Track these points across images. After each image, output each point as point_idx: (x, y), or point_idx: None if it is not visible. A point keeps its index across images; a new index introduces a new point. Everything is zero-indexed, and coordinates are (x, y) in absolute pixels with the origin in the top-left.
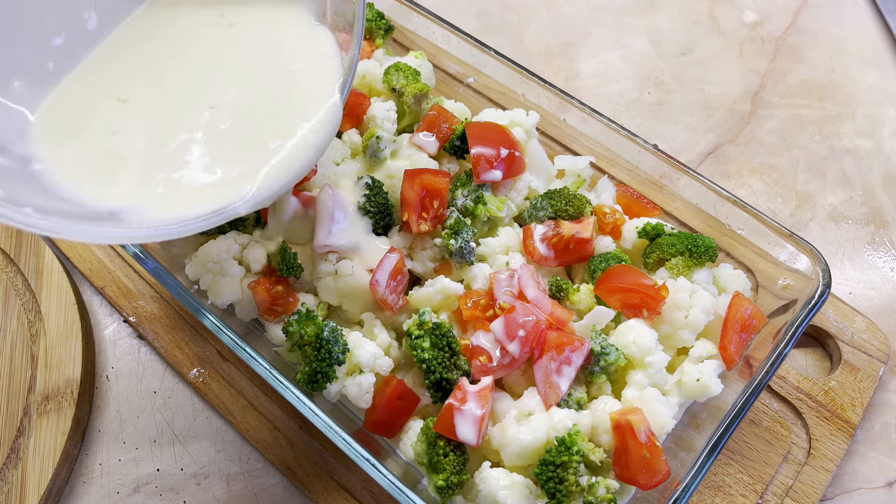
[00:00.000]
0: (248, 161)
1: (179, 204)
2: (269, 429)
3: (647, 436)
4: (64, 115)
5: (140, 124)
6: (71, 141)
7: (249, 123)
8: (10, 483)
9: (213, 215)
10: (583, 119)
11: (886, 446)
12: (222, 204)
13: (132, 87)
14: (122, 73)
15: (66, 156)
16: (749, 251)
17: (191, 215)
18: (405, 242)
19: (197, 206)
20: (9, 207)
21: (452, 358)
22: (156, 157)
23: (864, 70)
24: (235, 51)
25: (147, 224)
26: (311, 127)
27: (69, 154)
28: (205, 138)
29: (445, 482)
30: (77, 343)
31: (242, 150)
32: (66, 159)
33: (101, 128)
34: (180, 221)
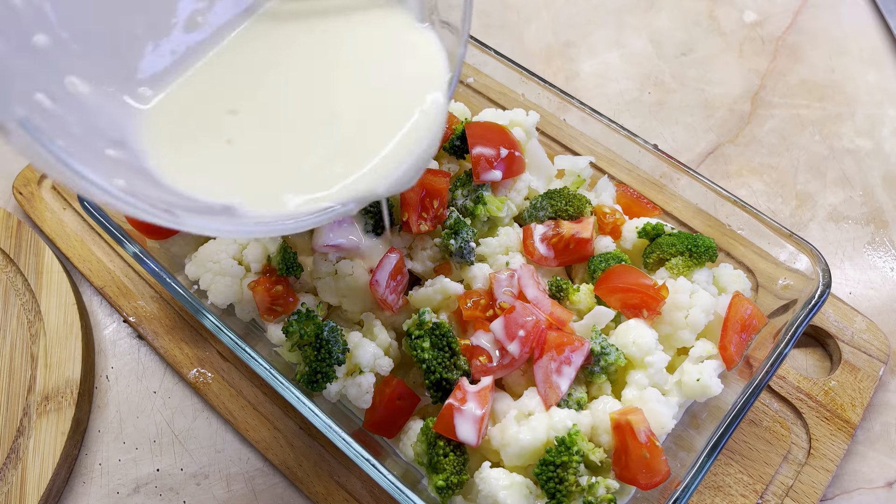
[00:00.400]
0: (354, 162)
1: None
2: (269, 429)
3: (647, 436)
4: (175, 117)
5: (252, 127)
6: (184, 141)
7: (355, 126)
8: (9, 483)
9: (324, 212)
10: (583, 119)
11: (886, 446)
12: (333, 202)
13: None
14: (232, 83)
15: (180, 155)
16: (749, 251)
17: (304, 212)
18: (405, 242)
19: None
20: (134, 197)
21: (452, 358)
22: (268, 157)
23: (864, 70)
24: (339, 58)
25: (262, 218)
26: (415, 129)
27: (183, 153)
28: (315, 141)
29: (445, 482)
30: (77, 343)
31: (349, 151)
32: (180, 159)
33: (214, 132)
34: (295, 217)
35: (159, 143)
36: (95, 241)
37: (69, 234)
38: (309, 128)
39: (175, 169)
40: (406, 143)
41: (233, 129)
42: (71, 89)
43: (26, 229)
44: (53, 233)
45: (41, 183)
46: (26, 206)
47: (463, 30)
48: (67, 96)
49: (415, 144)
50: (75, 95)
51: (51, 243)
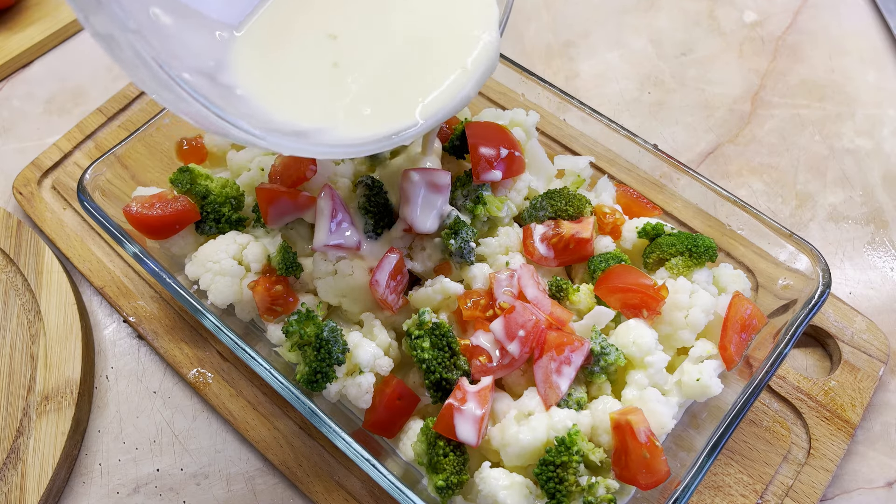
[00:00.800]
0: (416, 90)
1: (360, 128)
2: (269, 429)
3: (646, 436)
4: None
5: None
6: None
7: (417, 58)
8: (9, 483)
9: (387, 138)
10: (583, 119)
11: (886, 446)
12: (398, 127)
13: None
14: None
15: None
16: (749, 251)
17: (370, 137)
18: (405, 242)
19: (375, 129)
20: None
21: (452, 358)
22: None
23: (864, 70)
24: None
25: (330, 143)
26: (471, 61)
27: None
28: (378, 71)
29: (445, 482)
30: (77, 343)
31: (412, 80)
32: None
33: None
34: (362, 142)
35: (249, 74)
36: (95, 241)
37: (69, 234)
38: (389, 56)
39: (258, 90)
40: (466, 72)
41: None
42: (156, 21)
43: (26, 229)
44: (53, 233)
45: (41, 183)
46: (26, 206)
47: None
48: (153, 26)
49: (473, 72)
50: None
51: (51, 243)
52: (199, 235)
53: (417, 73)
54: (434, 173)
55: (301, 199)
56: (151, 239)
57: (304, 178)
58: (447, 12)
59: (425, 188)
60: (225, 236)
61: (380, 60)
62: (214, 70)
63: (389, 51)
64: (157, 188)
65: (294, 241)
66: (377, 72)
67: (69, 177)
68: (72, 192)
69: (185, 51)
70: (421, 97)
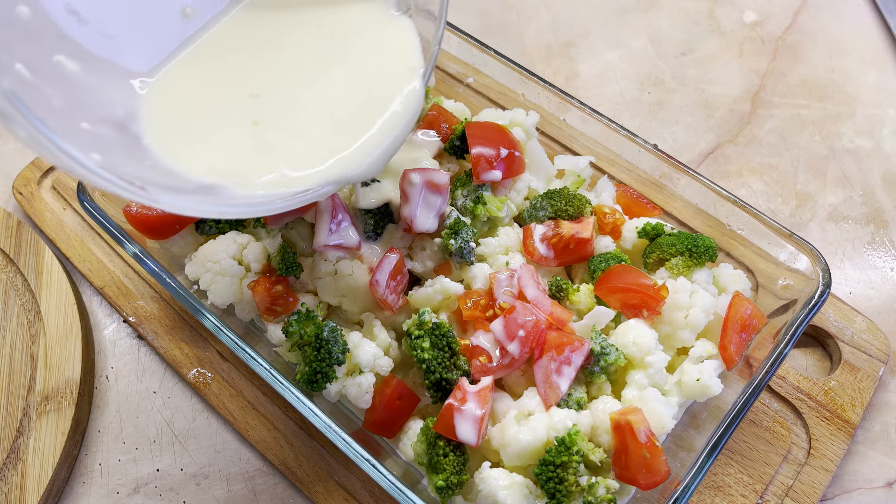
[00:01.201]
0: (327, 151)
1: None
2: (269, 429)
3: (646, 436)
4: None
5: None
6: (187, 122)
7: (336, 112)
8: (9, 483)
9: (304, 194)
10: (583, 119)
11: (886, 446)
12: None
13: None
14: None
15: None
16: (749, 251)
17: (291, 191)
18: (405, 242)
19: (294, 186)
20: (108, 171)
21: (452, 358)
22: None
23: (864, 70)
24: (321, 46)
25: (251, 199)
26: (391, 116)
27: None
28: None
29: (445, 482)
30: (77, 343)
31: (329, 136)
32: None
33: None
34: (283, 197)
35: (159, 124)
36: (95, 241)
37: (69, 234)
38: (297, 113)
39: (174, 149)
40: (383, 130)
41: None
42: (59, 68)
43: (26, 229)
44: (53, 233)
45: (41, 183)
46: (26, 206)
47: (440, 17)
48: (55, 73)
49: (391, 130)
50: (63, 74)
51: (51, 243)
52: (199, 235)
53: (331, 133)
54: (434, 173)
55: None
56: (151, 239)
57: None
58: (369, 74)
59: (425, 188)
60: (225, 236)
61: (294, 120)
62: (125, 119)
63: (306, 111)
64: None
65: (294, 241)
66: (289, 130)
67: (69, 177)
68: (72, 192)
69: (93, 99)
70: (330, 157)
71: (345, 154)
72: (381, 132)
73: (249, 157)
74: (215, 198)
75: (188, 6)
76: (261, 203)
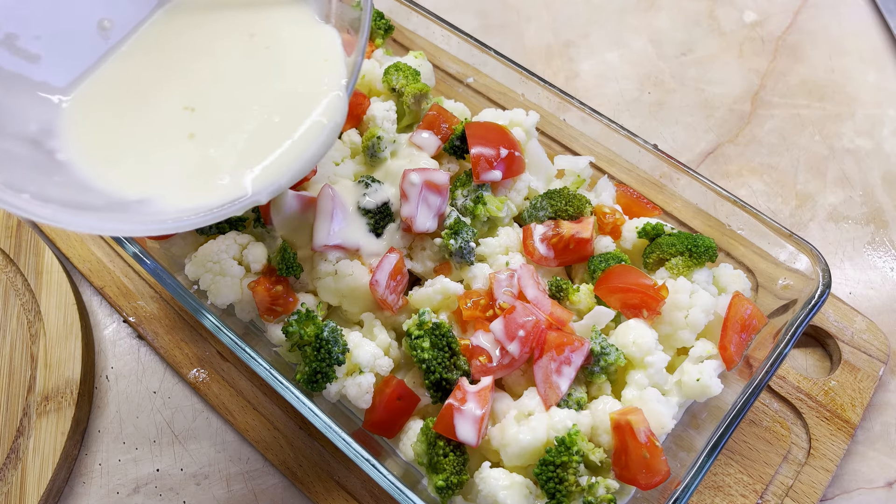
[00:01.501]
0: (255, 155)
1: (199, 195)
2: (269, 429)
3: (646, 436)
4: (97, 112)
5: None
6: (108, 136)
7: (258, 123)
8: (9, 483)
9: (232, 205)
10: (583, 119)
11: (886, 446)
12: (235, 195)
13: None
14: (148, 75)
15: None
16: (749, 251)
17: (209, 205)
18: (405, 242)
19: (213, 197)
20: (6, 192)
21: (452, 358)
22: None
23: (864, 70)
24: (245, 52)
25: (167, 213)
26: (314, 125)
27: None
28: (217, 137)
29: (445, 482)
30: (77, 343)
31: (250, 148)
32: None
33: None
34: (199, 211)
35: (81, 138)
36: (95, 241)
37: (69, 234)
38: (225, 123)
39: (96, 163)
40: (306, 139)
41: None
42: None
43: (26, 229)
44: (53, 233)
45: None
46: None
47: (363, 28)
48: None
49: (315, 139)
50: None
51: (51, 243)
52: (199, 235)
53: (258, 143)
54: (433, 173)
55: (301, 199)
56: (151, 239)
57: (305, 178)
58: (294, 83)
59: (425, 188)
60: (225, 236)
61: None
62: (38, 135)
63: (233, 121)
64: None
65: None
66: (217, 141)
67: None
68: None
69: (3, 114)
70: (252, 169)
71: (269, 164)
72: (304, 141)
73: (177, 168)
74: (125, 215)
75: (105, 19)
76: (182, 219)
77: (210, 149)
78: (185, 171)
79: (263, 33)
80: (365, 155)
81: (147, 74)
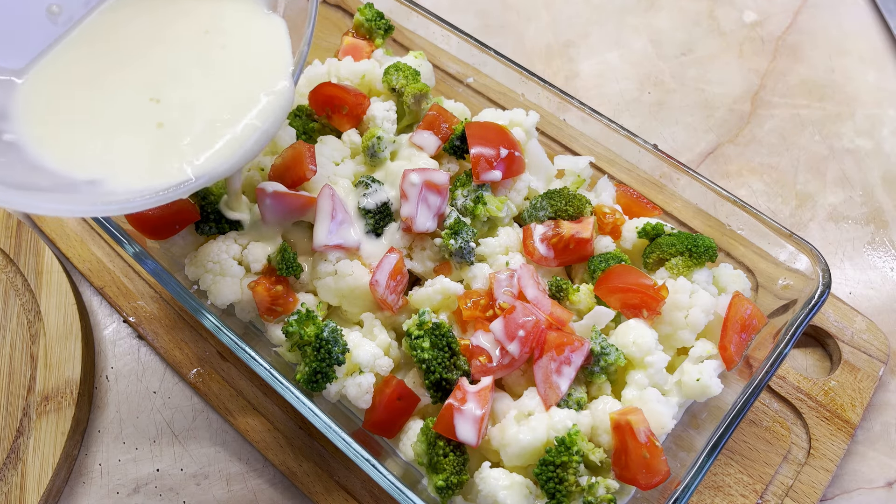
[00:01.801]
0: (203, 141)
1: (148, 178)
2: (269, 429)
3: (646, 436)
4: (49, 93)
5: (118, 105)
6: (59, 116)
7: (207, 107)
8: (9, 483)
9: (179, 187)
10: (583, 119)
11: (886, 446)
12: (181, 178)
13: (111, 75)
14: (102, 60)
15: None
16: (749, 251)
17: (157, 187)
18: (405, 242)
19: (161, 180)
20: None
21: (452, 358)
22: (137, 134)
23: (864, 70)
24: (195, 42)
25: (116, 194)
26: (259, 112)
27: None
28: (167, 120)
29: (445, 482)
30: (77, 343)
31: (199, 131)
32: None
33: (83, 106)
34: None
35: (32, 119)
36: (95, 241)
37: (69, 234)
38: (177, 108)
39: (41, 143)
40: (252, 125)
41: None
42: None
43: (26, 229)
44: (53, 233)
45: None
46: None
47: (310, 18)
48: None
49: (260, 125)
50: None
51: (51, 243)
52: (199, 235)
53: (206, 128)
54: (433, 173)
55: (301, 199)
56: (151, 239)
57: (304, 178)
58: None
59: (425, 188)
60: (225, 236)
61: (173, 115)
62: None
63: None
64: None
65: (294, 242)
66: (168, 125)
67: None
68: None
69: None
70: (197, 153)
71: (216, 150)
72: (242, 138)
73: (128, 151)
74: (74, 195)
75: (54, 4)
76: (130, 200)
77: (161, 134)
78: (136, 154)
79: (213, 24)
80: (365, 155)
81: (101, 60)
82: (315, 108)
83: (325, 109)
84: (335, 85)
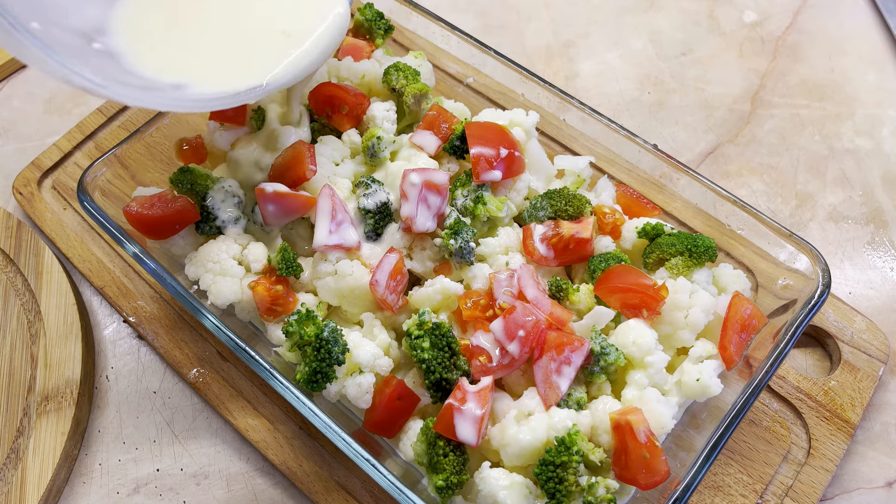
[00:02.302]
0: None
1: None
2: (269, 429)
3: (646, 436)
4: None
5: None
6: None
7: (281, 21)
8: (9, 483)
9: (247, 92)
10: (583, 119)
11: (886, 446)
12: (254, 83)
13: None
14: None
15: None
16: (749, 251)
17: (233, 90)
18: (405, 242)
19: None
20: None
21: (452, 358)
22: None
23: (864, 70)
24: None
25: (186, 97)
26: (322, 31)
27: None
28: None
29: (445, 482)
30: (77, 343)
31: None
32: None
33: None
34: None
35: (126, 31)
36: (95, 241)
37: (69, 234)
38: (250, 18)
39: (136, 52)
40: (315, 42)
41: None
42: None
43: (26, 229)
44: (53, 233)
45: (41, 183)
46: (26, 206)
47: None
48: None
49: (323, 43)
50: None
51: (51, 243)
52: (199, 235)
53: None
54: (433, 173)
55: (301, 199)
56: (151, 239)
57: (304, 178)
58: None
59: (424, 188)
60: (225, 236)
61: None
62: (92, 32)
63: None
64: (157, 188)
65: (294, 241)
66: (237, 39)
67: (69, 177)
68: (72, 192)
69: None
70: (270, 62)
71: (287, 62)
72: (313, 44)
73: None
74: (161, 93)
75: None
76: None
77: (242, 43)
78: (218, 61)
79: None
80: (365, 155)
81: None
82: (315, 108)
83: (325, 109)
84: (335, 85)
